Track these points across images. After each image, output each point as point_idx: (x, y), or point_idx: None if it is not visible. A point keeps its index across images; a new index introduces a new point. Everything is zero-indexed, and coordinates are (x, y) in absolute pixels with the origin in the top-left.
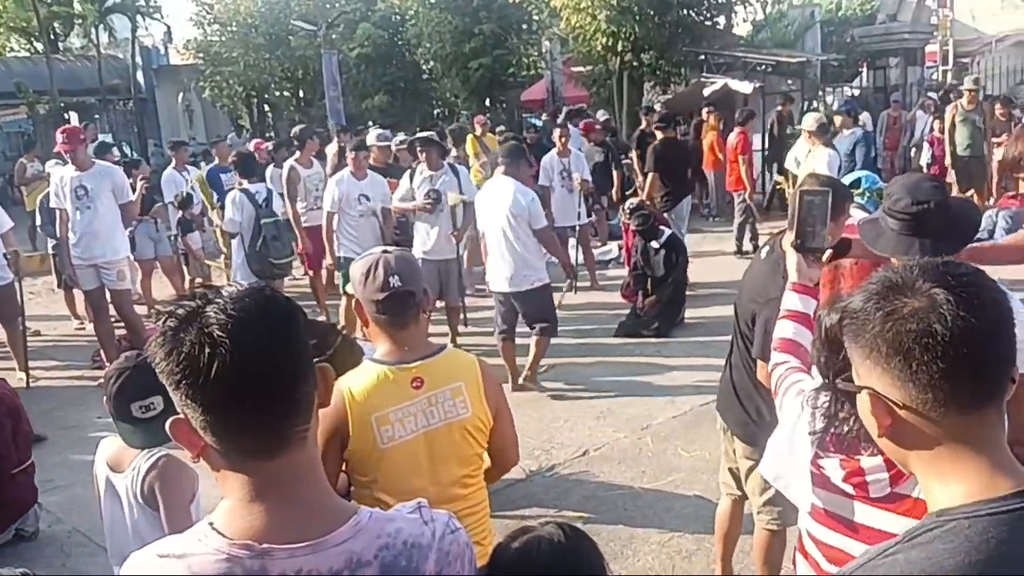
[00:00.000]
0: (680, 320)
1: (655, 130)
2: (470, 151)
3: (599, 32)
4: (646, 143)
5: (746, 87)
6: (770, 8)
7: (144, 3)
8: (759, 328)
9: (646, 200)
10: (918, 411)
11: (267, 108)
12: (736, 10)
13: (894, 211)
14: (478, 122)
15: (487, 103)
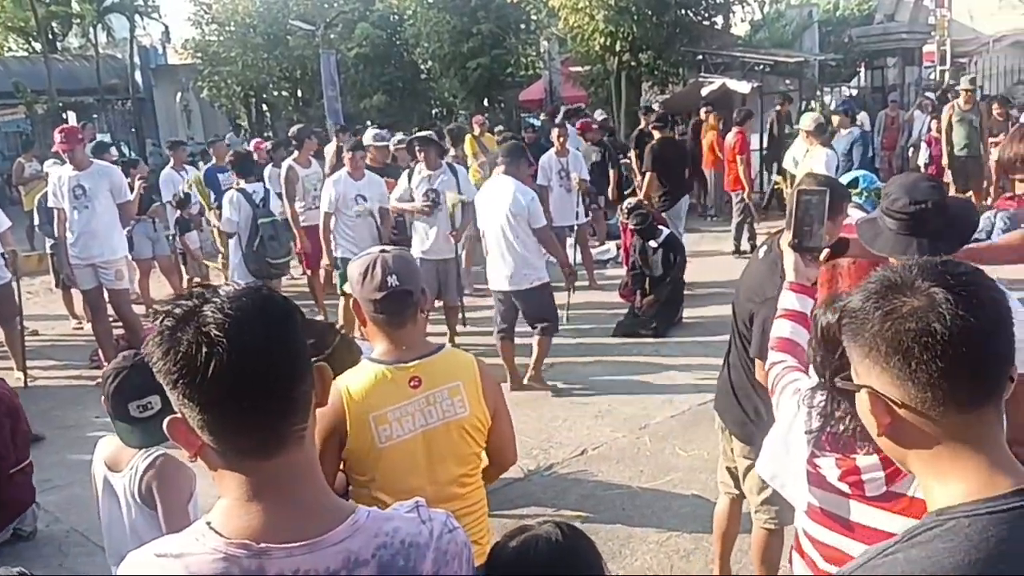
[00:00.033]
0: (678, 320)
1: (652, 130)
2: (468, 151)
3: (597, 32)
4: (645, 143)
5: (744, 87)
6: (768, 8)
7: (142, 3)
8: (757, 327)
9: (644, 200)
10: (917, 410)
11: (265, 108)
12: (734, 10)
13: (892, 211)
14: (476, 122)
15: (485, 103)
